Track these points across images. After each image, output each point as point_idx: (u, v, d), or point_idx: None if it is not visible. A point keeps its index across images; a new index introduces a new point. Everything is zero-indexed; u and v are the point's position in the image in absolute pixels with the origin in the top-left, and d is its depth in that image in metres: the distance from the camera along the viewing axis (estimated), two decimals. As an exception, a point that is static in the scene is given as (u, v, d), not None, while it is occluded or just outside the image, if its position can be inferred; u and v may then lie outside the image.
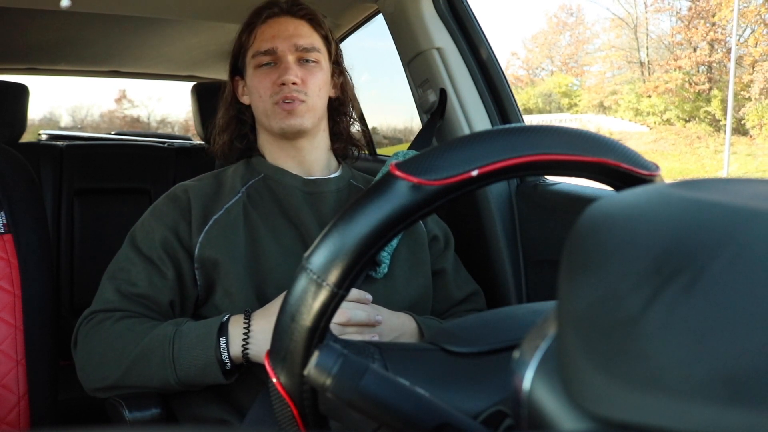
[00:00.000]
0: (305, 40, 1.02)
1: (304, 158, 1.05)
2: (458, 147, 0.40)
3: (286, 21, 1.03)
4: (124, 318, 0.89)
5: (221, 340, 0.83)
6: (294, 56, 1.01)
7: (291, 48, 1.01)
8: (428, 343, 0.48)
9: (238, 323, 0.85)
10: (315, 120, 1.03)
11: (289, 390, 0.43)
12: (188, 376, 0.84)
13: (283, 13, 1.03)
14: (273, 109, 1.00)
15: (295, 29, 1.02)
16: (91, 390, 0.90)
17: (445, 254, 1.09)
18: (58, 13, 1.66)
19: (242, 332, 0.83)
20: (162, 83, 2.85)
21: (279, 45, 1.00)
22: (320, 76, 1.03)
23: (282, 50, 1.01)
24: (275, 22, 1.03)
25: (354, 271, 0.39)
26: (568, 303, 0.28)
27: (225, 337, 0.83)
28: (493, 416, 0.41)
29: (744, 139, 18.70)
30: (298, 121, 0.99)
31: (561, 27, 27.51)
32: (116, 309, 0.90)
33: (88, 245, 1.85)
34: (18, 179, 1.02)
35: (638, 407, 0.23)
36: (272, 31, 1.02)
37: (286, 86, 0.99)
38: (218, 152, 1.09)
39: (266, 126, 1.03)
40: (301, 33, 1.02)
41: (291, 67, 0.99)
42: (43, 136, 2.67)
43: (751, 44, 19.58)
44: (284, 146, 1.04)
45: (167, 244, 0.94)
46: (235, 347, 0.83)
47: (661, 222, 0.27)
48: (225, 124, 1.09)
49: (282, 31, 1.01)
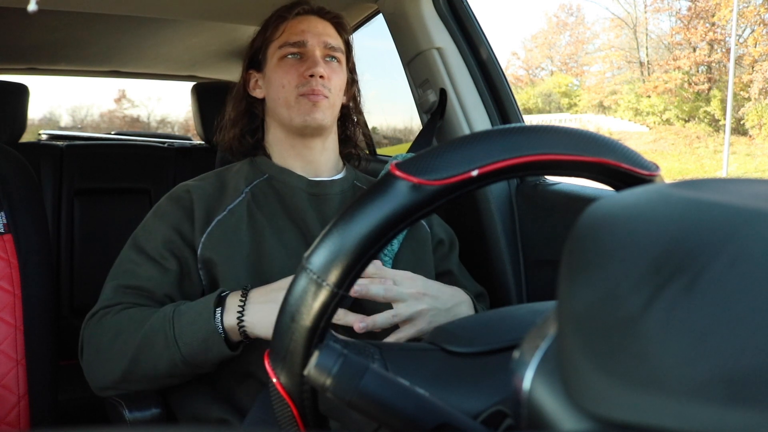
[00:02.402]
0: (333, 40, 1.05)
1: (313, 158, 1.05)
2: (458, 147, 0.40)
3: (315, 19, 1.06)
4: (123, 310, 0.89)
5: (217, 311, 0.83)
6: (322, 53, 1.03)
7: (321, 44, 1.03)
8: (428, 343, 0.48)
9: (235, 296, 0.85)
10: (332, 119, 1.05)
11: (289, 390, 0.43)
12: (192, 351, 0.83)
13: (312, 12, 1.07)
14: (297, 100, 1.01)
15: (324, 28, 1.06)
16: (101, 388, 0.89)
17: (449, 256, 1.09)
18: (58, 13, 1.66)
19: (238, 304, 0.83)
20: (162, 83, 2.85)
21: (310, 39, 1.03)
22: (342, 77, 1.06)
23: (312, 44, 1.03)
24: (305, 19, 1.06)
25: (354, 271, 0.39)
26: (568, 303, 0.28)
27: (221, 308, 0.83)
28: (493, 416, 0.41)
29: (743, 139, 18.70)
30: (320, 114, 1.00)
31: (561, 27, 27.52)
32: (114, 303, 0.90)
33: (88, 245, 1.85)
34: (18, 179, 1.02)
35: (638, 407, 0.23)
36: (303, 26, 1.04)
37: (314, 79, 1.00)
38: (226, 145, 1.09)
39: (284, 119, 1.03)
40: (330, 33, 1.06)
41: (319, 62, 1.01)
42: (43, 136, 2.67)
43: (751, 44, 19.58)
44: (295, 144, 1.04)
45: (170, 243, 0.93)
46: (230, 318, 0.83)
47: (661, 222, 0.27)
48: (236, 117, 1.09)
49: (312, 27, 1.05)
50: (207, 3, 1.59)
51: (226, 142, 1.09)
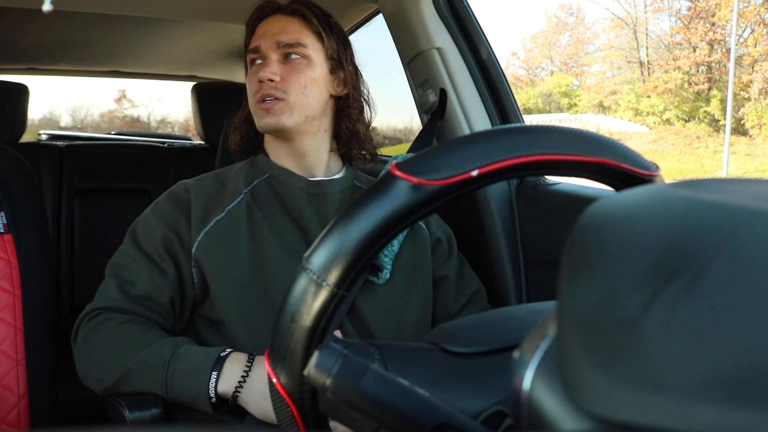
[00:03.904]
0: (289, 36, 0.99)
1: (303, 159, 1.04)
2: (458, 147, 0.40)
3: (276, 19, 1.02)
4: (126, 323, 0.89)
5: (213, 374, 0.83)
6: (277, 53, 0.99)
7: (273, 45, 0.99)
8: (428, 343, 0.48)
9: (238, 362, 0.84)
10: (299, 119, 0.99)
11: (289, 390, 0.43)
12: (177, 399, 0.85)
13: (277, 11, 1.03)
14: (255, 107, 1.00)
15: (282, 27, 1.01)
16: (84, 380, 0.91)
17: (449, 261, 1.09)
18: (58, 13, 1.65)
19: (241, 373, 0.83)
20: (162, 83, 2.85)
21: (262, 43, 1.00)
22: (306, 73, 0.99)
23: (265, 48, 1.00)
24: (267, 21, 1.02)
25: (354, 271, 0.39)
26: (568, 303, 0.28)
27: (218, 373, 0.83)
28: (493, 416, 0.41)
29: (743, 139, 18.70)
30: (274, 119, 0.97)
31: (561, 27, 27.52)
32: (119, 309, 0.91)
33: (88, 245, 1.85)
34: (18, 179, 1.02)
35: (638, 407, 0.23)
36: (261, 30, 1.02)
37: (264, 83, 0.98)
38: (235, 148, 1.09)
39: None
40: (288, 30, 1.00)
41: (269, 65, 0.98)
42: (43, 136, 2.67)
43: (751, 44, 19.57)
44: (282, 145, 1.04)
45: (168, 243, 0.94)
46: (226, 385, 0.83)
47: (661, 222, 0.27)
48: (239, 124, 1.09)
49: (269, 29, 1.01)
50: (207, 3, 1.59)
51: (235, 144, 1.09)
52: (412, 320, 1.00)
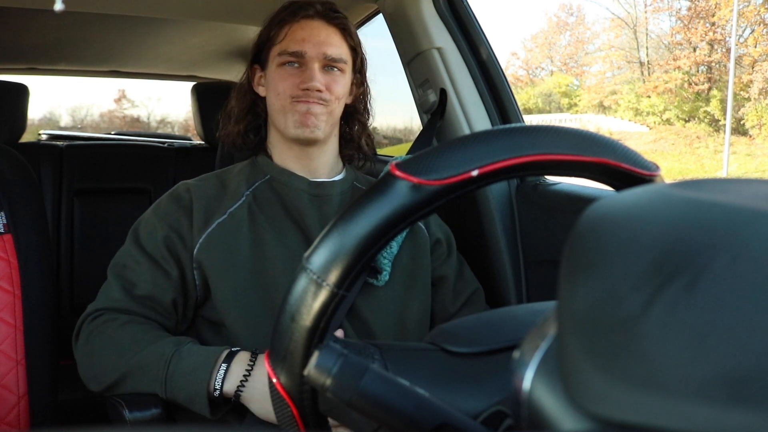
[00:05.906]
0: (335, 51, 1.01)
1: (311, 162, 1.04)
2: (458, 147, 0.40)
3: (318, 26, 1.01)
4: (129, 323, 0.89)
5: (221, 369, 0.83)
6: (321, 64, 1.00)
7: (320, 55, 0.99)
8: (428, 343, 0.48)
9: (241, 361, 0.84)
10: (329, 129, 1.02)
11: (289, 390, 0.43)
12: (176, 399, 0.84)
13: (318, 16, 1.02)
14: (292, 108, 0.99)
15: (327, 37, 1.01)
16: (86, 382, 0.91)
17: (447, 261, 1.09)
18: (57, 13, 1.65)
19: (243, 372, 0.83)
20: (162, 83, 2.85)
21: (308, 50, 0.99)
22: (343, 84, 1.02)
23: (311, 56, 0.99)
24: (308, 25, 1.01)
25: (354, 271, 0.39)
26: (568, 303, 0.28)
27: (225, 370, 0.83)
28: (493, 416, 0.41)
29: (743, 139, 18.70)
30: (308, 131, 0.99)
31: (561, 27, 27.52)
32: (121, 309, 0.91)
33: (88, 245, 1.85)
34: (18, 179, 1.02)
35: (638, 407, 0.23)
36: (303, 34, 1.00)
37: (309, 91, 0.98)
38: (230, 140, 1.07)
39: (280, 126, 1.02)
40: (332, 42, 1.01)
41: (314, 74, 0.98)
42: (43, 136, 2.68)
43: (751, 44, 19.58)
44: (293, 148, 1.03)
45: (170, 244, 0.94)
46: (229, 383, 0.83)
47: (661, 222, 0.27)
48: (240, 113, 1.07)
49: (314, 35, 1.00)
50: (207, 3, 1.59)
51: (230, 136, 1.07)
52: (412, 321, 1.00)
